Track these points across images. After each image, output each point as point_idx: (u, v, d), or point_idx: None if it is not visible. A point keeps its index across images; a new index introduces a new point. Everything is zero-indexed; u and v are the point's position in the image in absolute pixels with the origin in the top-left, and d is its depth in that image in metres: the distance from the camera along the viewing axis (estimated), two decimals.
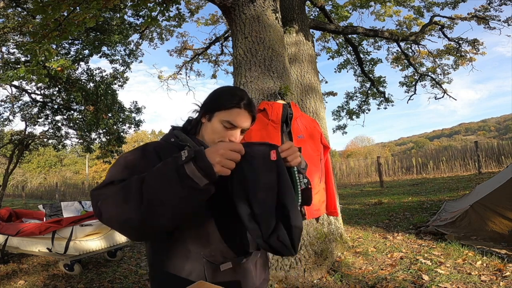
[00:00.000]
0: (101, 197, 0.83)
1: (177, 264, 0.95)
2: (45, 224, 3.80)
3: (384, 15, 8.92)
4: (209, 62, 10.62)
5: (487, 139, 48.64)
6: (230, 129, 1.02)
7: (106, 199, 0.82)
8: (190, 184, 0.76)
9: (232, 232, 1.01)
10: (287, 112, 2.89)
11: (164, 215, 0.78)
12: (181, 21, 7.90)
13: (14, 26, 7.33)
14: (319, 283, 2.81)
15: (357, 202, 7.79)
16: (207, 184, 0.77)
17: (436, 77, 9.74)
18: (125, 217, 0.79)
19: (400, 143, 78.75)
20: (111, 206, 0.80)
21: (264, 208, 0.85)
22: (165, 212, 0.78)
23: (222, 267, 0.96)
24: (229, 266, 0.97)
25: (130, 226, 0.80)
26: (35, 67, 3.49)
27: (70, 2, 2.97)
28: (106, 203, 0.81)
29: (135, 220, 0.78)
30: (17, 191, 24.74)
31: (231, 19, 3.52)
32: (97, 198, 0.84)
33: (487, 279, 2.53)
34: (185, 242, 0.95)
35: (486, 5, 7.57)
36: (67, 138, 10.85)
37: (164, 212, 0.77)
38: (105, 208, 0.81)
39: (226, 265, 0.97)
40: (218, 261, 0.96)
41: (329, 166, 3.24)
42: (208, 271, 0.95)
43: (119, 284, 3.32)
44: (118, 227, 0.83)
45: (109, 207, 0.80)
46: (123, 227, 0.82)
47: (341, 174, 15.66)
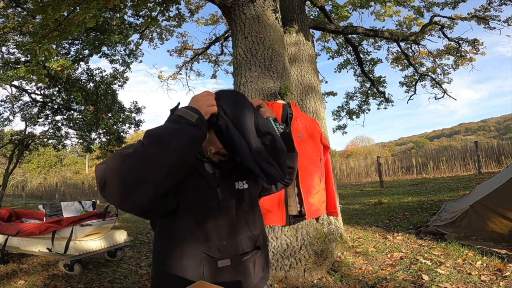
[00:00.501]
0: (103, 164, 0.85)
1: (176, 259, 0.97)
2: (45, 224, 3.80)
3: (384, 15, 8.92)
4: (209, 62, 10.63)
5: (487, 139, 48.64)
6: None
7: (113, 160, 0.84)
8: (184, 120, 0.86)
9: (232, 230, 1.03)
10: (287, 112, 2.89)
11: (167, 149, 0.81)
12: (181, 21, 7.90)
13: (14, 26, 7.33)
14: (319, 283, 2.81)
15: (357, 202, 7.79)
16: (198, 119, 0.87)
17: (436, 77, 9.74)
18: (127, 166, 0.80)
19: (400, 143, 78.73)
20: (113, 162, 0.83)
21: (254, 140, 0.97)
22: (168, 146, 0.82)
23: (220, 263, 0.98)
24: (228, 264, 0.99)
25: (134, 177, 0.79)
26: (35, 67, 3.49)
27: (70, 2, 2.97)
28: (112, 166, 0.83)
29: (138, 165, 0.80)
30: (17, 191, 24.75)
31: (231, 19, 3.52)
32: (101, 167, 0.85)
33: (487, 279, 2.53)
34: (185, 239, 0.97)
35: (486, 5, 7.57)
36: (67, 138, 10.87)
37: (167, 145, 0.81)
38: (110, 171, 0.82)
39: (224, 262, 0.98)
40: (216, 256, 0.98)
41: (329, 166, 3.24)
42: (206, 267, 0.96)
43: (119, 284, 3.32)
44: (121, 185, 0.80)
45: (113, 169, 0.82)
46: (127, 180, 0.80)
47: (341, 174, 15.66)
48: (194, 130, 0.86)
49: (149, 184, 0.81)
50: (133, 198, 0.82)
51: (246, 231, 1.07)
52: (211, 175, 1.04)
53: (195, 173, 1.02)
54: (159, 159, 0.80)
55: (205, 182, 1.02)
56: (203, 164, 1.05)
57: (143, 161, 0.80)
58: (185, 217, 0.98)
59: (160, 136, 0.83)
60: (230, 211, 1.05)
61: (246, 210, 1.11)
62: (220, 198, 1.03)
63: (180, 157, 0.83)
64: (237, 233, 1.04)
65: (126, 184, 0.80)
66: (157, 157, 0.80)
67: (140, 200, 0.83)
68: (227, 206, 1.04)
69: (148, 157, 0.80)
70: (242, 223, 1.07)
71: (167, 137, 0.83)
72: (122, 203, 0.84)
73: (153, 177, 0.80)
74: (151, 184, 0.81)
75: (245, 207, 1.10)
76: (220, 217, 1.02)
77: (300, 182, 2.81)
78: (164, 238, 1.01)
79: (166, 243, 1.00)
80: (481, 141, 15.34)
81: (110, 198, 0.84)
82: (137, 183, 0.80)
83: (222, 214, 1.03)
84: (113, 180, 0.81)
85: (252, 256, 1.07)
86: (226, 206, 1.04)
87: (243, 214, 1.09)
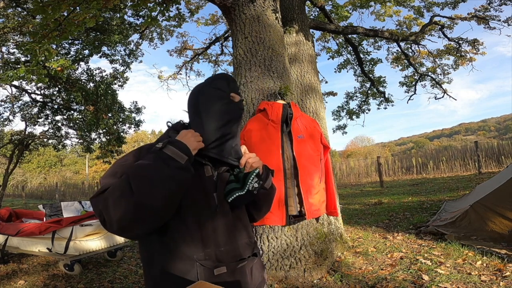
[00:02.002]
0: (100, 203, 0.88)
1: (170, 268, 0.95)
2: (45, 224, 3.80)
3: (384, 15, 8.92)
4: (209, 62, 10.63)
5: (487, 139, 48.62)
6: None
7: (106, 201, 0.87)
8: (174, 163, 0.89)
9: (230, 236, 1.01)
10: (287, 112, 2.89)
11: (155, 196, 0.85)
12: (181, 21, 7.90)
13: (14, 26, 7.33)
14: (319, 283, 2.81)
15: (357, 202, 7.79)
16: (187, 161, 0.91)
17: (436, 77, 9.74)
18: (121, 212, 0.85)
19: (400, 143, 78.69)
20: (110, 208, 0.86)
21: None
22: (156, 192, 0.86)
23: (216, 271, 0.96)
24: (224, 271, 0.97)
25: (128, 218, 0.85)
26: (35, 67, 3.49)
27: (70, 2, 2.96)
28: (107, 206, 0.86)
29: (130, 210, 0.84)
30: (17, 191, 24.74)
31: (231, 19, 3.52)
32: (97, 204, 0.88)
33: (487, 279, 2.53)
34: (179, 246, 0.96)
35: (486, 5, 7.56)
36: (67, 138, 10.87)
37: (155, 192, 0.85)
38: (106, 212, 0.87)
39: (220, 270, 0.97)
40: (211, 265, 0.96)
41: (329, 166, 3.24)
42: (201, 276, 0.94)
43: (119, 284, 3.32)
44: (117, 226, 0.87)
45: (109, 209, 0.86)
46: (121, 223, 0.86)
47: (341, 174, 15.66)
48: (182, 173, 0.90)
49: (142, 224, 0.88)
50: (130, 234, 0.91)
51: (244, 238, 1.06)
52: (209, 178, 1.03)
53: (196, 175, 1.00)
54: (149, 206, 0.86)
55: (202, 185, 1.01)
56: (203, 167, 1.04)
57: (135, 208, 0.85)
58: (181, 222, 0.97)
59: (149, 180, 0.87)
60: (228, 216, 1.03)
61: (243, 216, 1.10)
62: (216, 203, 1.01)
63: (169, 201, 0.89)
64: (235, 239, 1.02)
65: (120, 225, 0.86)
66: (146, 204, 0.85)
67: (136, 234, 0.92)
68: (224, 211, 1.02)
69: (138, 205, 0.85)
70: (241, 229, 1.06)
71: (155, 182, 0.86)
72: (122, 236, 0.94)
73: (144, 218, 0.87)
74: (144, 224, 0.88)
75: (241, 213, 1.09)
76: (217, 223, 1.00)
77: (300, 182, 2.81)
78: (158, 242, 0.98)
79: (159, 247, 0.97)
80: (481, 141, 15.34)
81: (111, 231, 0.90)
82: (130, 225, 0.87)
83: (219, 219, 1.01)
84: (109, 218, 0.86)
85: (249, 262, 1.05)
86: (223, 212, 1.02)
87: (241, 221, 1.07)
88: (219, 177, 1.05)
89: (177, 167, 0.89)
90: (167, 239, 0.96)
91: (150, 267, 1.00)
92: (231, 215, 1.04)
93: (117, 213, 0.84)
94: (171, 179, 0.87)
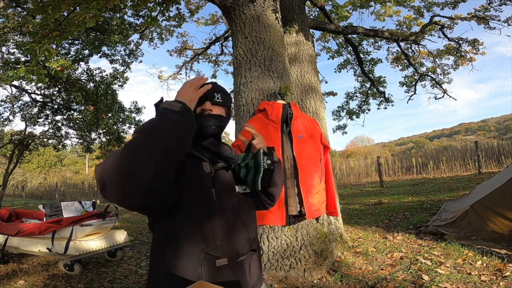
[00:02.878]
0: (102, 164, 0.87)
1: (175, 257, 0.98)
2: (45, 224, 3.80)
3: (384, 15, 8.92)
4: (209, 62, 10.63)
5: (487, 139, 48.61)
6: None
7: (109, 159, 0.87)
8: (168, 111, 0.89)
9: (228, 232, 1.04)
10: (287, 112, 2.89)
11: (155, 139, 0.84)
12: (181, 21, 7.89)
13: (14, 26, 7.33)
14: (319, 283, 2.81)
15: (357, 202, 7.79)
16: (182, 108, 0.91)
17: (436, 77, 9.74)
18: (119, 161, 0.83)
19: (400, 143, 78.69)
20: (108, 162, 0.85)
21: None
22: (159, 139, 0.84)
23: (218, 262, 0.99)
24: (225, 263, 1.00)
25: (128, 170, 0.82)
26: (35, 67, 3.49)
27: (70, 2, 2.97)
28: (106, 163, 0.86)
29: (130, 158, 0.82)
30: (17, 191, 24.74)
31: (231, 19, 3.52)
32: (98, 167, 0.88)
33: (487, 279, 2.53)
34: (184, 238, 0.99)
35: (486, 5, 7.57)
36: (67, 138, 10.87)
37: (158, 139, 0.84)
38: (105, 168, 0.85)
39: (222, 261, 1.00)
40: (213, 257, 0.99)
41: (329, 166, 3.23)
42: (205, 266, 0.97)
43: (119, 284, 3.32)
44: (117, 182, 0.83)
45: (107, 164, 0.85)
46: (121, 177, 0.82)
47: (341, 174, 15.66)
48: (178, 117, 0.89)
49: (143, 177, 0.82)
50: (130, 195, 0.83)
51: (243, 234, 1.08)
52: (208, 175, 1.06)
53: (193, 173, 1.04)
54: (147, 148, 0.83)
55: (201, 181, 1.04)
56: (201, 163, 1.06)
57: (133, 153, 0.83)
58: (183, 216, 1.00)
59: (145, 128, 0.88)
60: (227, 212, 1.05)
61: (243, 213, 1.11)
62: (214, 199, 1.03)
63: (167, 144, 0.85)
64: (233, 234, 1.05)
65: (121, 181, 0.82)
66: (144, 147, 0.83)
67: (138, 196, 0.84)
68: (222, 207, 1.04)
69: (136, 148, 0.83)
70: (239, 226, 1.08)
71: (152, 127, 0.87)
72: (121, 201, 0.85)
73: (145, 168, 0.82)
74: (145, 177, 0.82)
75: (242, 209, 1.11)
76: (216, 218, 1.02)
77: (300, 182, 2.81)
78: (163, 237, 1.02)
79: (165, 242, 1.01)
80: (481, 141, 15.33)
81: (111, 197, 0.85)
82: (131, 178, 0.81)
83: (218, 215, 1.03)
84: (110, 179, 0.83)
85: (248, 257, 1.08)
86: (222, 208, 1.04)
87: (240, 217, 1.09)
88: (216, 173, 1.08)
89: (172, 112, 0.89)
90: (172, 233, 1.00)
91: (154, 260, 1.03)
92: (230, 211, 1.06)
93: (116, 168, 0.82)
94: (167, 122, 0.88)
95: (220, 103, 1.10)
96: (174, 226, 1.00)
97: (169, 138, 0.86)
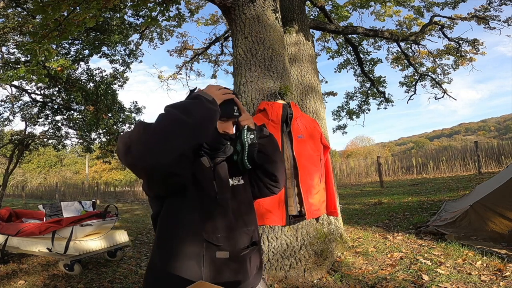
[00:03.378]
0: (126, 133, 0.92)
1: (178, 246, 1.02)
2: (45, 224, 3.80)
3: (384, 15, 8.92)
4: (209, 62, 10.64)
5: (487, 139, 48.61)
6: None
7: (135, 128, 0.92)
8: (203, 97, 0.98)
9: (229, 224, 1.07)
10: (287, 112, 2.89)
11: (191, 114, 0.92)
12: (181, 21, 7.90)
13: (14, 26, 7.33)
14: (319, 283, 2.81)
15: (357, 202, 7.79)
16: (213, 100, 1.00)
17: (436, 77, 9.74)
18: (155, 124, 0.89)
19: (400, 143, 78.63)
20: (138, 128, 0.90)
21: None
22: (191, 112, 0.92)
23: (218, 254, 1.02)
24: (226, 256, 1.03)
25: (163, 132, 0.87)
26: (35, 67, 3.49)
27: (70, 2, 2.97)
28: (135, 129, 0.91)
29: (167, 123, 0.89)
30: (17, 191, 24.73)
31: (231, 19, 3.52)
32: (124, 135, 0.92)
33: (487, 279, 2.53)
34: (187, 227, 1.03)
35: (486, 5, 7.57)
36: (67, 138, 10.87)
37: (191, 112, 0.92)
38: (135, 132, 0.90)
39: (222, 254, 1.03)
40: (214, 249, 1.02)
41: (329, 166, 3.24)
42: (207, 256, 1.01)
43: (119, 284, 3.32)
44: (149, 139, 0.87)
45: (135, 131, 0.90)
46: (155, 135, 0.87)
47: (341, 174, 15.65)
48: (210, 105, 0.98)
49: (175, 141, 0.88)
50: (159, 152, 0.87)
51: (242, 226, 1.11)
52: (208, 169, 1.09)
53: (196, 166, 1.07)
54: (182, 120, 0.89)
55: (203, 175, 1.07)
56: (200, 158, 1.09)
57: (170, 121, 0.89)
58: (187, 207, 1.04)
59: (181, 104, 0.96)
60: (227, 205, 1.09)
61: (242, 205, 1.15)
62: (216, 191, 1.07)
63: (200, 121, 0.92)
64: (234, 227, 1.08)
65: (156, 141, 0.86)
66: (180, 118, 0.90)
67: (166, 156, 0.88)
68: (223, 199, 1.08)
69: (174, 117, 0.90)
70: (238, 218, 1.11)
71: (187, 105, 0.95)
72: (149, 157, 0.87)
73: (178, 135, 0.88)
74: (179, 142, 0.88)
75: (240, 202, 1.15)
76: (217, 210, 1.06)
77: (300, 182, 2.81)
78: (165, 226, 1.05)
79: (168, 231, 1.05)
80: (481, 141, 15.34)
81: (137, 156, 0.88)
82: (165, 138, 0.86)
83: (219, 207, 1.07)
84: (140, 139, 0.87)
85: (250, 251, 1.11)
86: (223, 200, 1.08)
87: (239, 209, 1.13)
88: (216, 167, 1.12)
89: (205, 99, 0.98)
90: (176, 221, 1.04)
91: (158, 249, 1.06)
92: (229, 202, 1.10)
93: (151, 130, 0.87)
94: (201, 104, 0.96)
95: (236, 116, 1.15)
96: (177, 219, 1.04)
97: (200, 116, 0.93)
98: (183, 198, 1.04)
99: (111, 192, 17.93)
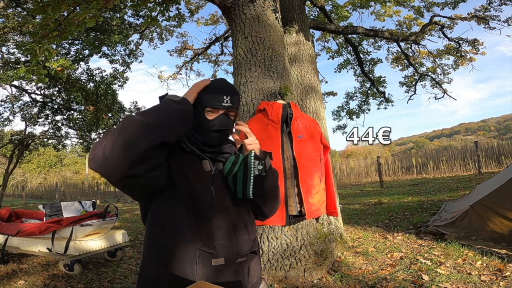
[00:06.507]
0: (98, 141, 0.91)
1: (170, 253, 0.97)
2: (45, 224, 3.80)
3: (384, 15, 8.91)
4: (209, 62, 10.63)
5: (487, 139, 48.57)
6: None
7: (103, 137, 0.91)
8: (170, 100, 0.97)
9: (228, 232, 1.02)
10: (287, 112, 2.89)
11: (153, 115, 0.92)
12: (181, 21, 7.87)
13: (14, 26, 7.33)
14: (319, 283, 2.81)
15: (357, 202, 7.79)
16: (182, 99, 0.99)
17: (436, 77, 9.74)
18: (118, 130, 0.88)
19: (400, 143, 78.63)
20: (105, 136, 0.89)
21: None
22: (154, 114, 0.93)
23: (214, 262, 0.97)
24: (221, 263, 0.98)
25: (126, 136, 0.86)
26: (35, 67, 3.49)
27: (70, 2, 2.97)
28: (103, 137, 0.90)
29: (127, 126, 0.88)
30: (17, 191, 24.73)
31: (231, 19, 3.52)
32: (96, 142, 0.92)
33: (487, 279, 2.53)
34: (182, 236, 0.98)
35: (486, 5, 7.57)
36: (67, 138, 10.86)
37: (153, 113, 0.93)
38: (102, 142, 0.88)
39: (218, 261, 0.98)
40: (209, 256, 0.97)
41: (329, 166, 3.24)
42: (200, 265, 0.95)
43: (119, 284, 3.32)
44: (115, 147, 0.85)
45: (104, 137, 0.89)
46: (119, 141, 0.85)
47: (341, 174, 15.65)
48: (177, 105, 0.96)
49: (139, 145, 0.86)
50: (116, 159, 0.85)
51: (243, 234, 1.06)
52: (207, 173, 1.04)
53: (192, 170, 1.02)
54: (144, 122, 0.89)
55: (200, 179, 1.03)
56: (201, 161, 1.05)
57: (130, 124, 0.89)
58: (181, 213, 0.99)
59: (145, 110, 0.97)
60: (226, 211, 1.03)
61: (243, 213, 1.09)
62: (213, 197, 1.02)
63: (162, 119, 0.91)
64: (234, 234, 1.02)
65: (118, 146, 0.84)
66: (136, 119, 0.89)
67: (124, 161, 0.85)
68: (222, 206, 1.03)
69: (130, 120, 0.90)
70: (240, 226, 1.06)
71: (151, 108, 0.96)
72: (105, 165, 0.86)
73: (141, 137, 0.86)
74: (141, 145, 0.86)
75: (243, 209, 1.09)
76: (215, 217, 1.01)
77: (300, 182, 2.81)
78: (157, 230, 1.01)
79: (159, 235, 1.01)
80: (481, 141, 15.34)
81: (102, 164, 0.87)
82: (127, 144, 0.85)
83: (217, 213, 1.01)
84: (109, 148, 0.85)
85: (248, 259, 1.06)
86: (222, 206, 1.03)
87: (241, 217, 1.07)
88: (216, 172, 1.06)
89: (171, 101, 0.97)
90: (168, 226, 0.99)
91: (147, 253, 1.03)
92: (230, 210, 1.04)
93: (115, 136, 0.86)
94: (166, 106, 0.96)
95: (230, 107, 1.04)
96: (170, 222, 0.99)
97: (164, 116, 0.92)
98: (173, 202, 0.99)
99: (111, 192, 17.92)
